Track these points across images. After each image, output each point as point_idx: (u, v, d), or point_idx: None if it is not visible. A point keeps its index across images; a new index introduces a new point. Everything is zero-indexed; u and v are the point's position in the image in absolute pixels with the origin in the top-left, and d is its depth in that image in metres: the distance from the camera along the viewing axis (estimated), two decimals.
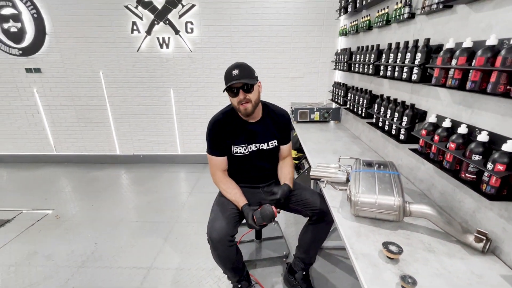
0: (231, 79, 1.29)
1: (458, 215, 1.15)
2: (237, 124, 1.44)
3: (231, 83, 1.28)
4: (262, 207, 1.28)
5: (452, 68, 1.07)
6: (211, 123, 1.44)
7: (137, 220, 2.38)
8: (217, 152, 1.45)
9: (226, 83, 1.32)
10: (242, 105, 1.33)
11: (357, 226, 1.12)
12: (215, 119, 1.44)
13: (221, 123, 1.42)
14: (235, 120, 1.44)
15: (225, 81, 1.33)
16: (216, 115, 1.46)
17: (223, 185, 1.45)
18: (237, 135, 1.44)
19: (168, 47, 3.14)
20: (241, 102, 1.32)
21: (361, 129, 2.34)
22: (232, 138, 1.43)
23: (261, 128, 1.47)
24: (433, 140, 1.19)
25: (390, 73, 1.64)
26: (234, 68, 1.30)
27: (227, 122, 1.43)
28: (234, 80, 1.28)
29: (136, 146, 3.62)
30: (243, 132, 1.44)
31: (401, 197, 1.07)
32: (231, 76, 1.29)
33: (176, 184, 3.12)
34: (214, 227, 1.28)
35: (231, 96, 1.34)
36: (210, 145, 1.45)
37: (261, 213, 1.26)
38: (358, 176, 1.26)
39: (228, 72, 1.32)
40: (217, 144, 1.43)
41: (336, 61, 2.87)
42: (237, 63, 1.34)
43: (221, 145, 1.43)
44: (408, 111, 1.44)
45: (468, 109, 1.11)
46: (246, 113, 1.36)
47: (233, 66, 1.32)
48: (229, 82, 1.30)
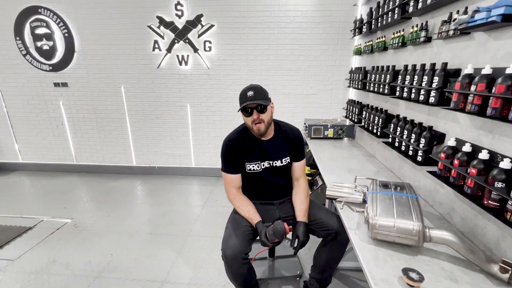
0: (246, 100, 1.35)
1: (481, 243, 1.11)
2: (251, 142, 1.48)
3: (246, 103, 1.34)
4: (274, 224, 1.29)
5: (472, 94, 1.08)
6: (226, 142, 1.48)
7: (151, 232, 2.42)
8: (231, 170, 1.49)
9: (241, 103, 1.38)
10: (256, 125, 1.38)
11: (375, 250, 1.10)
12: (229, 138, 1.49)
13: (235, 141, 1.47)
14: (248, 138, 1.48)
15: (240, 102, 1.39)
16: (230, 134, 1.51)
17: (237, 202, 1.48)
18: (251, 152, 1.48)
19: (187, 64, 3.28)
20: (255, 122, 1.38)
21: (376, 147, 2.33)
22: (246, 156, 1.47)
23: (274, 145, 1.51)
24: (453, 164, 1.18)
25: (406, 95, 1.65)
26: (249, 90, 1.36)
27: (241, 140, 1.48)
28: (249, 101, 1.33)
29: (152, 158, 3.72)
30: (256, 149, 1.48)
31: (421, 222, 1.06)
32: (246, 97, 1.35)
33: (190, 196, 3.17)
34: (228, 245, 1.29)
35: (246, 115, 1.40)
36: (225, 163, 1.49)
37: (273, 229, 1.27)
38: (375, 198, 1.25)
39: (243, 93, 1.38)
40: (231, 161, 1.47)
41: (351, 79, 2.90)
42: (252, 85, 1.40)
43: (235, 162, 1.47)
44: (425, 133, 1.43)
45: (489, 135, 1.10)
46: (259, 132, 1.41)
47: (248, 88, 1.38)
48: (244, 102, 1.35)
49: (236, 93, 3.33)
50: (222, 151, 1.49)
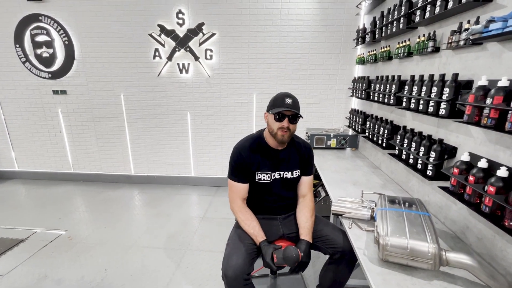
0: (283, 105, 1.32)
1: (500, 266, 1.04)
2: (263, 151, 1.43)
3: (283, 109, 1.31)
4: (286, 248, 1.20)
5: (488, 107, 1.02)
6: (238, 149, 1.42)
7: (148, 245, 2.33)
8: (241, 178, 1.42)
9: (276, 107, 1.34)
10: (282, 132, 1.34)
11: (386, 273, 1.03)
12: (243, 145, 1.44)
13: (249, 149, 1.41)
14: (261, 147, 1.43)
15: (274, 105, 1.35)
16: (244, 141, 1.46)
17: (242, 215, 1.40)
18: (263, 161, 1.42)
19: (188, 73, 3.24)
20: (283, 129, 1.34)
21: (381, 159, 2.27)
22: (258, 165, 1.41)
23: (286, 156, 1.46)
24: (467, 180, 1.11)
25: (414, 106, 1.60)
26: (287, 97, 1.35)
27: (254, 148, 1.42)
28: (287, 108, 1.31)
29: (151, 167, 3.65)
30: (268, 159, 1.43)
31: (436, 244, 0.98)
32: (283, 103, 1.33)
33: (188, 207, 3.08)
34: (229, 264, 1.21)
35: (276, 120, 1.35)
36: (234, 171, 1.42)
37: (284, 254, 1.18)
38: (385, 216, 1.18)
39: (280, 98, 1.34)
40: (241, 170, 1.41)
41: (354, 88, 2.86)
42: (288, 93, 1.38)
43: (245, 171, 1.41)
44: (436, 146, 1.37)
45: (507, 150, 1.04)
46: (282, 140, 1.37)
47: (286, 95, 1.36)
48: (280, 107, 1.32)
49: (237, 101, 3.31)
50: (233, 157, 1.43)
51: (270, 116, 1.37)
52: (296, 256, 1.17)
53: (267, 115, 1.39)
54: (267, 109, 1.39)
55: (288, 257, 1.16)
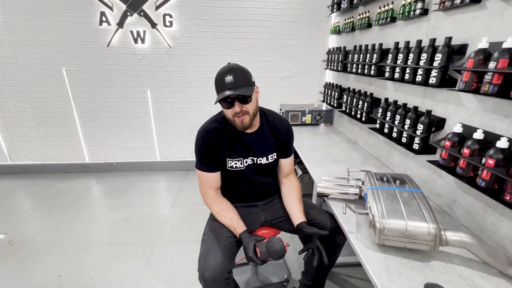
0: (224, 88, 1.06)
1: (491, 239, 1.01)
2: (232, 134, 1.21)
3: (224, 94, 1.04)
4: (269, 240, 1.06)
5: (490, 73, 0.92)
6: (202, 134, 1.19)
7: (111, 242, 2.05)
8: (209, 167, 1.21)
9: (218, 92, 1.09)
10: (239, 118, 1.11)
11: (383, 259, 0.94)
12: (207, 128, 1.20)
13: (215, 132, 1.19)
14: (229, 129, 1.21)
15: (217, 89, 1.10)
16: (207, 124, 1.22)
17: (217, 207, 1.22)
18: (232, 146, 1.21)
19: (144, 42, 2.79)
20: (237, 115, 1.10)
21: (358, 133, 2.21)
22: (227, 151, 1.20)
23: (259, 139, 1.25)
24: (461, 153, 1.04)
25: (398, 76, 1.49)
26: (226, 73, 1.06)
27: (221, 131, 1.20)
28: (228, 90, 1.05)
29: (109, 153, 3.23)
30: (238, 143, 1.22)
31: (436, 223, 0.91)
32: (223, 84, 1.06)
33: (156, 195, 2.81)
34: (207, 265, 1.04)
35: (225, 107, 1.12)
36: (201, 159, 1.21)
37: (268, 247, 1.04)
38: (377, 195, 1.08)
39: (219, 79, 1.08)
40: (209, 157, 1.19)
41: (328, 60, 2.71)
42: (230, 66, 1.10)
43: (214, 158, 1.20)
44: (424, 118, 1.29)
45: (505, 119, 0.97)
46: (243, 126, 1.14)
47: (225, 71, 1.08)
48: (221, 91, 1.07)
49: (204, 77, 2.98)
50: (198, 144, 1.19)
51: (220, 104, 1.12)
52: (282, 249, 1.03)
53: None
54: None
55: (272, 250, 1.02)
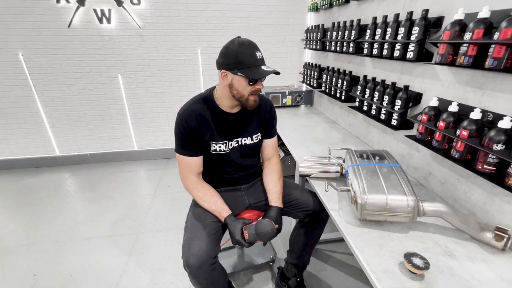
0: (257, 63, 1.05)
1: (464, 207, 1.06)
2: (215, 116, 1.16)
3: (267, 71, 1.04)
4: (259, 222, 1.04)
5: (466, 44, 0.92)
6: (183, 115, 1.12)
7: (89, 236, 1.97)
8: (191, 151, 1.15)
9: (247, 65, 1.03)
10: (254, 96, 1.11)
11: (365, 233, 0.96)
12: (189, 110, 1.13)
13: (198, 114, 1.12)
14: (213, 111, 1.15)
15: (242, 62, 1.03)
16: (189, 105, 1.15)
17: (199, 193, 1.18)
18: (217, 128, 1.16)
19: (110, 22, 2.57)
20: (256, 93, 1.11)
21: (338, 113, 2.22)
22: (211, 133, 1.15)
23: (243, 119, 1.22)
24: (437, 127, 1.06)
25: (376, 51, 1.48)
26: (256, 49, 1.06)
27: (203, 113, 1.13)
28: (263, 66, 1.06)
29: (81, 144, 3.04)
30: (223, 125, 1.17)
31: (414, 196, 0.93)
32: (256, 59, 1.04)
33: (136, 185, 2.71)
34: (192, 251, 1.01)
35: (250, 83, 1.06)
36: (182, 143, 1.14)
37: (258, 229, 1.02)
38: (358, 172, 1.09)
39: (250, 53, 1.04)
40: (191, 140, 1.13)
41: (307, 39, 2.65)
42: (252, 42, 1.08)
43: (196, 141, 1.14)
44: (401, 93, 1.30)
45: (478, 91, 0.99)
46: (254, 106, 1.14)
47: (253, 45, 1.07)
48: (255, 66, 1.04)
49: (179, 59, 2.82)
50: (179, 127, 1.12)
51: (238, 79, 1.05)
52: (272, 231, 1.02)
53: (229, 75, 1.06)
54: (227, 67, 1.05)
55: (263, 232, 1.01)
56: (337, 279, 1.57)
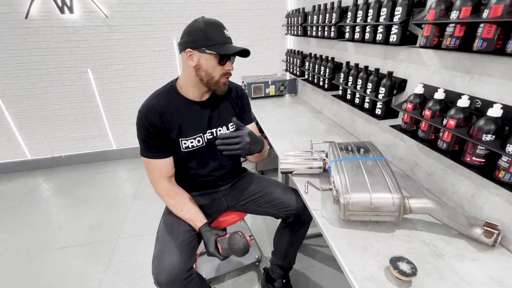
0: (226, 41, 0.95)
1: (451, 200, 1.01)
2: (182, 108, 1.04)
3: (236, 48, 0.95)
4: (231, 236, 0.96)
5: (452, 24, 0.83)
6: (143, 113, 1.01)
7: (65, 245, 1.85)
8: (157, 153, 1.04)
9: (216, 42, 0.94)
10: (225, 78, 1.03)
11: (349, 234, 0.89)
12: (150, 106, 1.01)
13: (160, 109, 1.01)
14: (178, 103, 1.04)
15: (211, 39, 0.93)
16: (150, 100, 1.04)
17: (171, 200, 1.08)
18: (186, 122, 1.05)
19: (73, 12, 2.35)
20: (227, 75, 1.02)
21: (322, 102, 2.13)
22: (178, 129, 1.04)
23: (215, 107, 1.12)
24: (423, 116, 0.99)
25: (358, 35, 1.38)
26: (223, 27, 0.98)
27: (167, 107, 1.02)
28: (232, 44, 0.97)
29: (54, 146, 2.85)
30: (193, 116, 1.06)
31: (400, 193, 0.86)
32: (224, 36, 0.96)
33: (115, 187, 2.57)
34: (161, 267, 0.92)
35: (220, 63, 0.97)
36: (147, 144, 1.03)
37: (230, 244, 0.94)
38: (340, 168, 1.01)
39: (218, 30, 0.95)
40: (156, 141, 1.02)
41: (288, 24, 2.52)
42: (218, 21, 0.98)
43: (162, 141, 1.03)
44: (385, 80, 1.21)
45: (465, 76, 0.91)
46: (225, 89, 1.06)
47: (220, 24, 0.98)
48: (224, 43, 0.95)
49: (152, 50, 2.62)
50: (141, 126, 1.01)
51: (206, 58, 0.95)
52: (245, 246, 0.94)
53: (195, 55, 0.95)
54: (193, 45, 0.94)
55: (235, 248, 0.93)
56: (325, 276, 1.53)
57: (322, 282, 1.50)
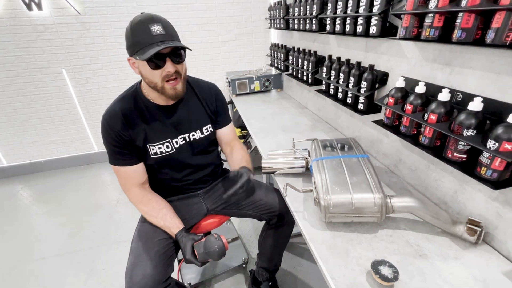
0: (152, 39, 0.82)
1: (434, 196, 0.98)
2: (146, 113, 0.98)
3: (159, 47, 0.81)
4: (206, 239, 0.91)
5: (431, 13, 0.79)
6: (105, 119, 0.94)
7: (44, 256, 1.77)
8: (125, 160, 0.97)
9: (142, 45, 0.83)
10: (170, 83, 0.90)
11: (331, 237, 0.86)
12: (111, 111, 0.95)
13: (123, 114, 0.94)
14: (142, 107, 0.97)
15: (137, 43, 0.84)
16: (112, 105, 0.97)
17: (145, 207, 1.02)
18: (152, 127, 0.99)
19: (41, 8, 2.21)
20: (170, 77, 0.89)
21: (307, 97, 2.08)
22: (144, 135, 0.97)
23: (186, 110, 1.05)
24: (404, 110, 0.95)
25: (339, 28, 1.33)
26: (151, 22, 0.83)
27: (132, 111, 0.95)
28: (160, 43, 0.82)
29: (31, 152, 2.73)
30: (159, 121, 1.00)
31: (381, 192, 0.83)
32: (151, 35, 0.82)
33: (98, 191, 2.48)
34: (134, 280, 0.86)
35: (152, 67, 0.86)
36: (113, 152, 0.96)
37: (206, 247, 0.89)
38: (322, 167, 0.98)
39: (142, 28, 0.83)
40: (121, 147, 0.96)
41: (271, 17, 2.45)
42: (152, 15, 0.86)
43: (128, 147, 0.96)
44: (367, 74, 1.17)
45: (446, 68, 0.88)
46: (175, 94, 0.93)
47: (149, 19, 0.84)
48: (151, 44, 0.82)
49: None
50: (103, 133, 0.95)
51: (140, 64, 0.87)
52: (221, 249, 0.89)
53: (136, 62, 0.89)
54: (129, 52, 0.88)
55: (211, 251, 0.88)
56: (313, 274, 1.51)
57: (310, 281, 1.48)
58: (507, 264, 0.74)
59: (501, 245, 0.77)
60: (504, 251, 0.76)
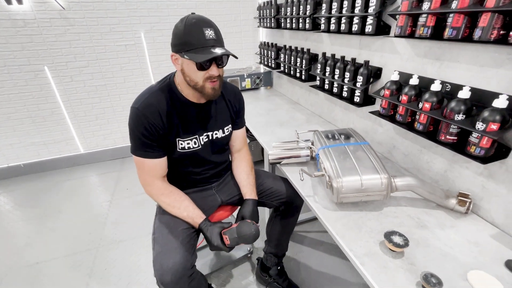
0: (205, 43, 0.86)
1: (427, 176, 1.11)
2: (181, 108, 1.00)
3: (214, 53, 0.85)
4: (241, 225, 0.95)
5: (425, 14, 0.90)
6: (141, 110, 0.93)
7: (37, 261, 1.69)
8: (153, 152, 0.98)
9: (194, 46, 0.86)
10: (213, 83, 0.93)
11: (343, 216, 0.94)
12: (148, 103, 0.94)
13: (159, 107, 0.95)
14: (177, 103, 0.99)
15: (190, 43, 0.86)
16: (148, 96, 0.96)
17: (167, 199, 1.04)
18: (184, 123, 1.01)
19: (21, 3, 2.09)
20: (212, 79, 0.92)
21: (299, 93, 2.18)
22: (177, 129, 1.00)
23: (213, 110, 1.09)
24: (400, 101, 1.07)
25: (334, 27, 1.43)
26: (206, 26, 0.87)
27: (166, 106, 0.97)
28: (212, 47, 0.86)
29: (10, 154, 2.56)
30: (190, 118, 1.03)
31: (386, 173, 0.93)
32: (204, 38, 0.86)
33: (88, 193, 2.40)
34: (165, 267, 0.89)
35: (198, 68, 0.89)
36: (142, 143, 0.96)
37: (240, 232, 0.93)
38: (329, 154, 1.06)
39: (197, 31, 0.86)
40: (153, 140, 0.96)
41: (260, 17, 2.52)
42: (205, 18, 0.89)
43: (159, 141, 0.98)
44: (362, 69, 1.28)
45: (435, 62, 1.00)
46: (214, 94, 0.96)
47: (203, 22, 0.88)
48: (203, 47, 0.86)
49: (119, 45, 2.46)
50: (136, 124, 0.94)
51: (185, 62, 0.90)
52: (257, 232, 0.95)
53: (179, 59, 0.91)
54: (175, 49, 0.90)
55: (247, 235, 0.93)
56: (314, 259, 1.60)
57: (312, 264, 1.57)
58: (492, 228, 0.87)
59: (487, 213, 0.90)
60: (489, 218, 0.90)
